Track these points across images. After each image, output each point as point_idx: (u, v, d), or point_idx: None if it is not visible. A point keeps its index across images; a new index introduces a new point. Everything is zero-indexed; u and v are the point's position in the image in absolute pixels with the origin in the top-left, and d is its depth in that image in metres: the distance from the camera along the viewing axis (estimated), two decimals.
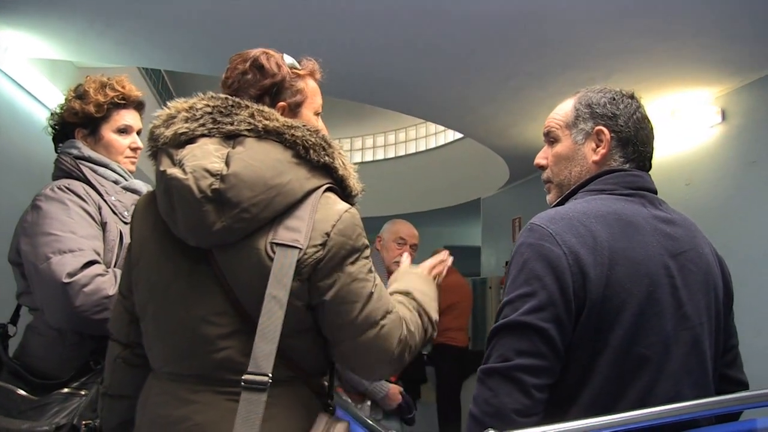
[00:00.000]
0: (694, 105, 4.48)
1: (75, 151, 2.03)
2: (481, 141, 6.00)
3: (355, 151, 11.34)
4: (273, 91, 1.49)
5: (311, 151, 1.37)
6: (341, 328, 1.34)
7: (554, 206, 1.50)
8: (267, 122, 1.36)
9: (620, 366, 1.30)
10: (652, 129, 1.55)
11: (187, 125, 1.35)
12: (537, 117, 4.83)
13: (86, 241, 1.81)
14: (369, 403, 3.16)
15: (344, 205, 1.38)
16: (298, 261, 1.28)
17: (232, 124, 1.36)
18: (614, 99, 1.52)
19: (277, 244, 1.29)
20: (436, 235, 11.36)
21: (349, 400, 3.15)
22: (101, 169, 2.05)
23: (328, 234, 1.31)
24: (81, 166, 2.00)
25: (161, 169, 1.32)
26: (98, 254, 1.83)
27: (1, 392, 1.83)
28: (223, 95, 1.42)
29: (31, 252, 1.80)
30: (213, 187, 1.26)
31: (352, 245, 1.35)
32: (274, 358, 1.24)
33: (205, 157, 1.30)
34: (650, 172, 1.56)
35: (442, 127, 9.66)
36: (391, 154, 11.14)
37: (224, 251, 1.32)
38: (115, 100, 2.09)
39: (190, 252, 1.34)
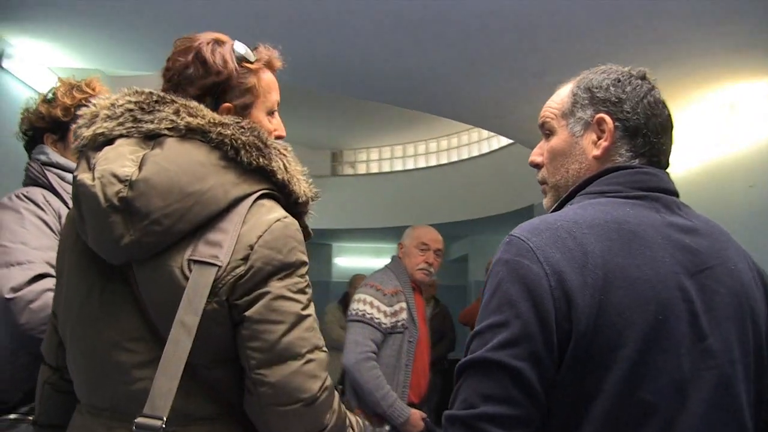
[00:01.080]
0: (756, 98, 4.07)
1: (43, 157, 1.90)
2: (523, 143, 5.70)
3: (408, 157, 11.13)
4: (216, 91, 1.30)
5: (242, 152, 1.18)
6: (257, 353, 1.13)
7: (551, 213, 1.23)
8: (191, 119, 1.18)
9: (618, 416, 1.02)
10: (669, 116, 1.26)
11: (106, 125, 1.19)
12: None
13: (38, 253, 1.67)
14: (388, 428, 2.95)
15: (278, 214, 1.19)
16: (215, 280, 1.10)
17: (152, 122, 1.19)
18: (619, 80, 1.24)
19: (195, 261, 1.12)
20: (491, 243, 11.04)
21: (368, 423, 2.95)
22: (69, 176, 1.90)
23: (251, 247, 1.13)
24: (47, 172, 1.87)
25: (74, 174, 1.17)
26: (53, 267, 1.67)
27: None
28: (147, 90, 1.25)
29: None
30: (120, 194, 1.10)
31: (281, 260, 1.15)
32: (175, 395, 1.08)
33: (116, 161, 1.14)
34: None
35: (492, 132, 9.37)
36: (444, 160, 10.90)
37: (141, 268, 1.15)
38: (83, 103, 1.94)
39: (108, 268, 1.18)
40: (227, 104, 1.31)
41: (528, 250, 1.07)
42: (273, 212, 1.19)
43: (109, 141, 1.19)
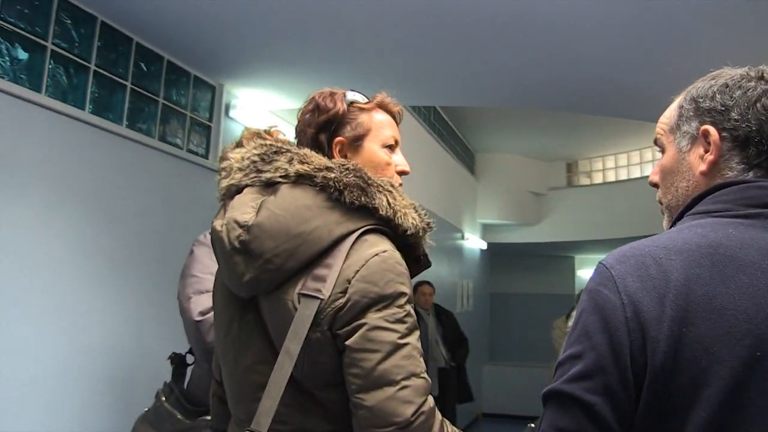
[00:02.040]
0: None
1: None
2: None
3: (645, 163, 10.35)
4: (331, 127, 1.45)
5: (345, 193, 1.29)
6: (356, 378, 1.22)
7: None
8: (300, 166, 1.32)
9: None
10: None
11: (237, 176, 1.38)
12: None
13: None
14: None
15: (377, 249, 1.28)
16: (318, 311, 1.22)
17: (270, 171, 1.34)
18: (727, 86, 1.11)
19: (302, 295, 1.25)
20: None
21: None
22: None
23: (349, 281, 1.23)
24: None
25: (213, 221, 1.37)
26: None
27: (167, 414, 2.07)
28: (269, 142, 1.42)
29: (181, 292, 2.00)
30: (240, 238, 1.27)
31: (377, 293, 1.23)
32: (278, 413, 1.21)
33: (239, 208, 1.31)
34: None
35: None
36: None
37: (264, 301, 1.32)
38: None
39: (244, 301, 1.36)
40: (340, 138, 1.44)
41: (609, 278, 1.02)
42: (374, 247, 1.27)
43: (240, 190, 1.36)
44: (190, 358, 2.20)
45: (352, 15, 3.10)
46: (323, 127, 1.44)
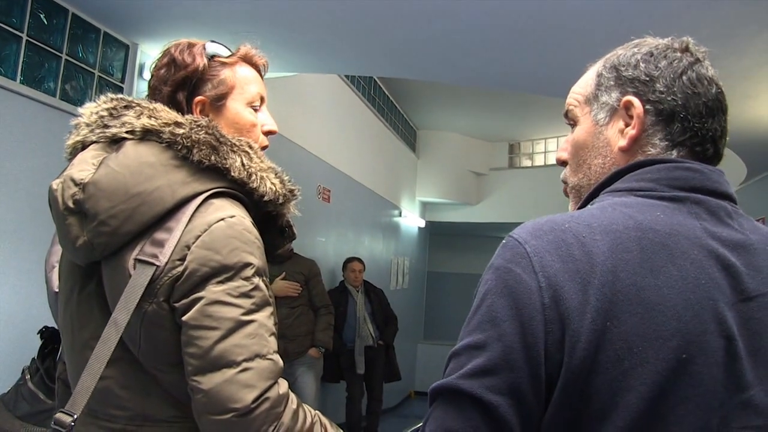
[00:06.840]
0: None
1: None
2: None
3: None
4: (189, 84, 1.31)
5: (194, 150, 1.16)
6: (192, 359, 1.10)
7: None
8: (147, 121, 1.19)
9: None
10: (719, 95, 0.98)
11: (83, 132, 1.24)
12: (758, 94, 3.95)
13: None
14: None
15: (224, 213, 1.15)
16: (153, 279, 1.10)
17: (116, 126, 1.21)
18: (652, 54, 0.99)
19: (138, 261, 1.12)
20: None
21: None
22: None
23: (188, 247, 1.11)
24: None
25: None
26: None
27: (29, 394, 1.89)
28: (119, 96, 1.28)
29: (46, 260, 1.83)
30: (75, 197, 1.14)
31: (219, 262, 1.11)
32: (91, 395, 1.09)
33: (78, 165, 1.18)
34: None
35: None
36: None
37: (104, 268, 1.18)
38: None
39: (88, 270, 1.22)
40: (200, 97, 1.31)
41: (523, 255, 0.86)
42: (220, 211, 1.16)
43: (86, 147, 1.23)
44: None
45: None
46: (181, 85, 1.30)
